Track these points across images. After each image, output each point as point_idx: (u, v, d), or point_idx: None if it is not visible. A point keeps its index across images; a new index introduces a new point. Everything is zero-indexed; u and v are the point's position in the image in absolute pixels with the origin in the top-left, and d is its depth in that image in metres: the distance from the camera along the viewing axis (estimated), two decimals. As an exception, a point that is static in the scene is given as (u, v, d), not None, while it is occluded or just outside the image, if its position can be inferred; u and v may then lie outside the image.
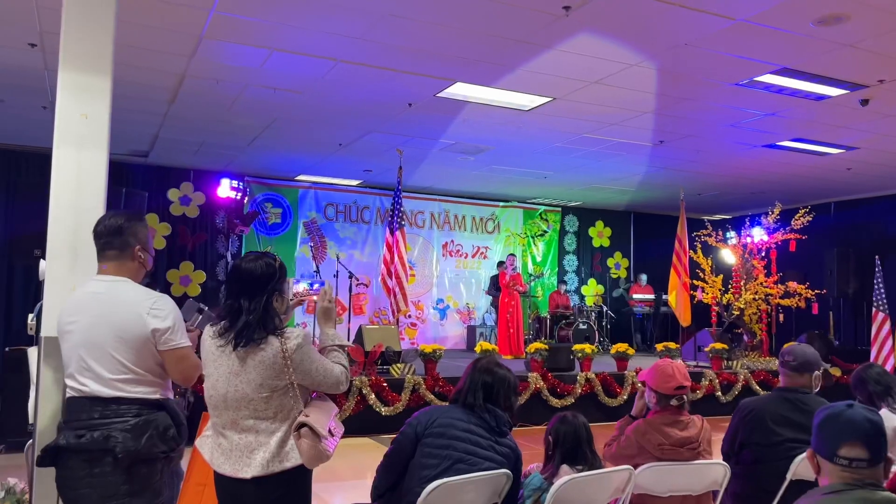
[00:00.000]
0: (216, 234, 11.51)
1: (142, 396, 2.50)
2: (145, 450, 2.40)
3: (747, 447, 3.29)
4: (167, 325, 2.51)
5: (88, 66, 3.13)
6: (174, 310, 2.57)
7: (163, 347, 2.52)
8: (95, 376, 2.48)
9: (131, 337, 2.48)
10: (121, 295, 2.54)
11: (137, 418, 2.44)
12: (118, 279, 2.58)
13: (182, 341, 2.55)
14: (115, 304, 2.52)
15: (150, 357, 2.52)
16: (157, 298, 2.56)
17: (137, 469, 2.41)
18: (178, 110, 7.92)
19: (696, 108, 7.55)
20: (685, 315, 10.15)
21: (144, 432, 2.42)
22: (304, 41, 5.84)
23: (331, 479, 5.56)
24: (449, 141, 9.17)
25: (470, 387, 2.80)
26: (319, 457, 2.40)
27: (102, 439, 2.38)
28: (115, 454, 2.37)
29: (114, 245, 2.60)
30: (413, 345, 12.03)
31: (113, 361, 2.47)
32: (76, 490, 2.43)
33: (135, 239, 2.62)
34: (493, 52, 6.00)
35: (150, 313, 2.50)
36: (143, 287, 2.62)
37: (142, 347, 2.50)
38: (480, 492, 2.69)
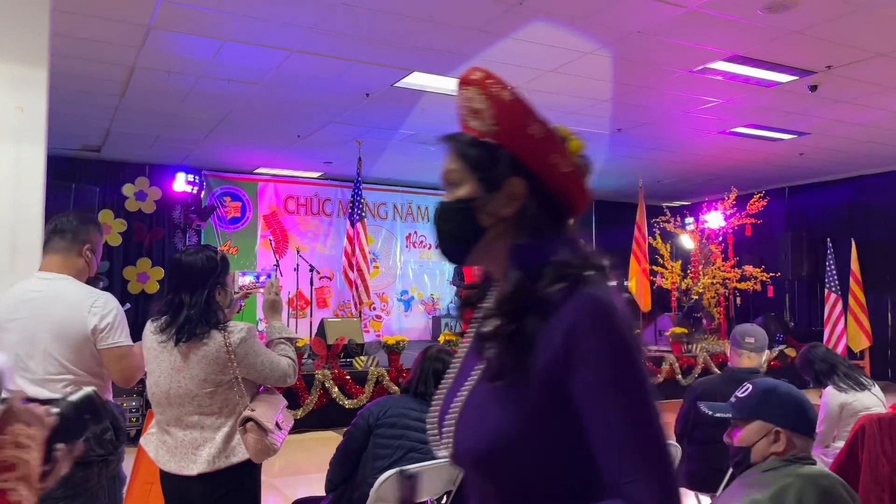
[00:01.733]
0: (174, 230, 11.29)
1: None
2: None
3: (699, 427, 3.35)
4: (106, 323, 2.46)
5: (23, 57, 3.03)
6: (115, 308, 2.52)
7: (102, 346, 2.46)
8: (32, 377, 2.41)
9: (70, 335, 2.43)
10: (60, 292, 2.48)
11: None
12: (59, 276, 2.52)
13: (121, 340, 2.49)
14: (54, 301, 2.46)
15: (89, 356, 2.47)
16: (98, 296, 2.50)
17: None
18: (129, 103, 7.74)
19: (652, 96, 7.63)
20: (645, 300, 10.29)
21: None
22: (256, 31, 5.74)
23: (295, 473, 5.53)
24: (408, 131, 9.12)
25: (420, 376, 2.81)
26: (266, 451, 2.38)
27: None
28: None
29: (64, 237, 2.55)
30: (378, 337, 12.00)
31: (51, 360, 2.41)
32: None
33: (85, 238, 2.58)
34: (449, 41, 5.97)
35: (91, 311, 2.45)
36: (84, 285, 2.56)
37: (81, 346, 2.44)
38: (434, 480, 2.69)
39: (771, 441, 1.90)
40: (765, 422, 1.92)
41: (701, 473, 3.36)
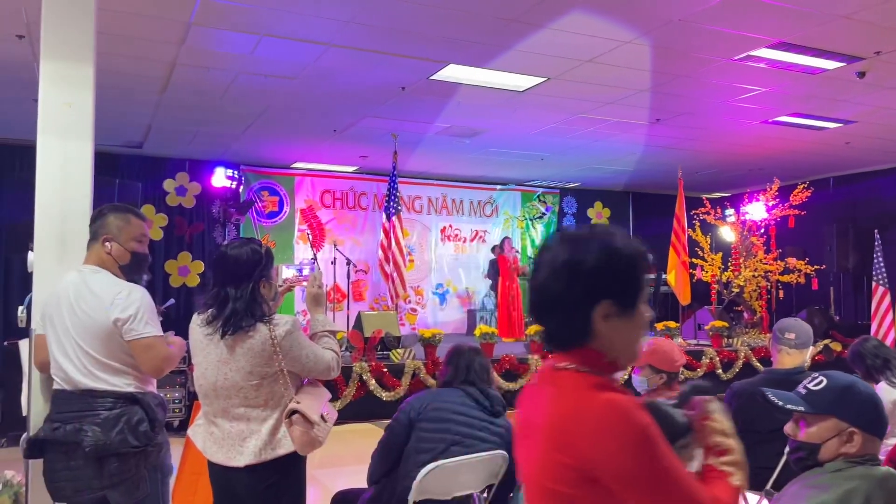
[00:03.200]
0: (213, 224, 11.47)
1: (115, 389, 2.46)
2: (115, 444, 2.36)
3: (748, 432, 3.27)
4: (129, 315, 2.47)
5: (70, 54, 3.08)
6: (139, 299, 2.52)
7: (127, 337, 2.48)
8: (71, 368, 2.46)
9: (97, 327, 2.46)
10: (90, 285, 2.52)
11: (109, 412, 2.41)
12: (93, 269, 2.57)
13: (146, 331, 2.49)
14: (83, 294, 2.50)
15: (117, 348, 2.49)
16: (122, 288, 2.52)
17: (108, 463, 2.38)
18: (169, 100, 7.86)
19: (691, 85, 7.48)
20: (684, 293, 10.13)
21: (115, 426, 2.38)
22: (294, 26, 5.77)
23: (334, 465, 5.58)
24: (444, 124, 9.10)
25: (464, 368, 2.78)
26: (312, 443, 2.39)
27: (74, 432, 2.36)
28: (84, 447, 2.34)
29: (91, 234, 2.61)
30: (413, 330, 12.03)
31: (83, 353, 2.46)
32: (55, 482, 2.43)
33: (104, 229, 2.60)
34: (485, 32, 5.93)
35: (113, 303, 2.47)
36: (114, 277, 2.58)
37: (108, 338, 2.46)
38: (476, 473, 2.68)
39: (843, 441, 1.81)
40: (840, 420, 1.83)
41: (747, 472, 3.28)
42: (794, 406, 1.93)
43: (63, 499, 2.47)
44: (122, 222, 2.62)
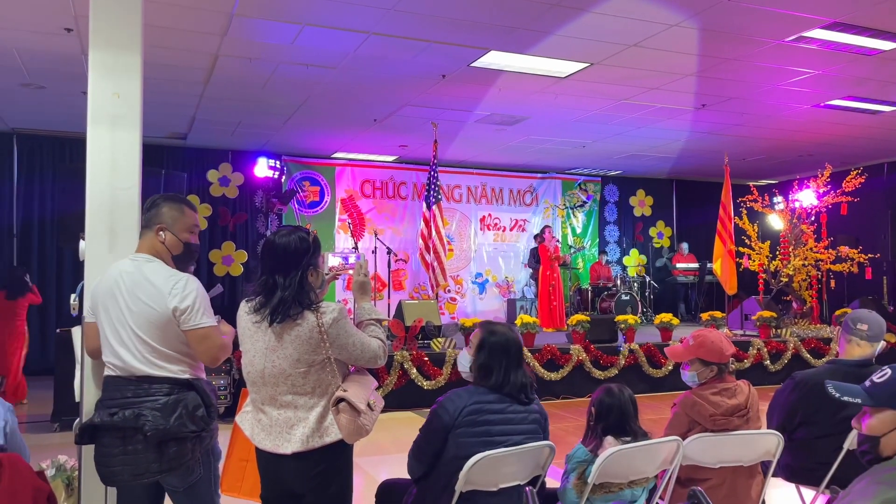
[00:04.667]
0: (256, 214, 11.62)
1: (171, 376, 2.49)
2: (174, 429, 2.40)
3: (807, 424, 3.16)
4: (187, 305, 2.49)
5: (118, 44, 3.11)
6: (196, 290, 2.54)
7: (185, 327, 2.50)
8: (127, 355, 2.49)
9: (154, 317, 2.48)
10: (145, 275, 2.54)
11: (167, 397, 2.44)
12: (147, 258, 2.59)
13: (203, 321, 2.52)
14: (139, 283, 2.52)
15: (174, 337, 2.51)
16: (179, 279, 2.54)
17: (167, 447, 2.42)
18: (213, 91, 7.96)
19: (740, 69, 7.27)
20: (731, 283, 9.89)
21: (174, 411, 2.41)
22: (334, 15, 5.77)
23: (376, 453, 5.60)
24: (484, 112, 9.03)
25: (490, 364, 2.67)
26: (359, 431, 2.38)
27: (133, 418, 2.40)
28: (145, 432, 2.37)
29: (144, 223, 2.63)
30: (453, 319, 12.02)
31: (140, 340, 2.48)
32: (110, 467, 2.46)
33: (158, 219, 2.61)
34: (527, 17, 5.84)
35: (171, 293, 2.49)
36: (168, 267, 2.60)
37: (165, 327, 2.49)
38: (522, 464, 2.64)
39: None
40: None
41: (805, 467, 3.18)
42: (851, 398, 1.85)
43: (119, 483, 2.51)
44: (176, 213, 2.64)
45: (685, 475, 2.91)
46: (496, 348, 2.69)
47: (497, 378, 2.65)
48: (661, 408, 6.79)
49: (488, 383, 2.66)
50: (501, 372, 2.65)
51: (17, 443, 2.63)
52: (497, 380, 2.65)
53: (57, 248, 10.10)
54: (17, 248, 10.02)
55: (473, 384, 2.70)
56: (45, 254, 10.16)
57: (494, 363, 2.67)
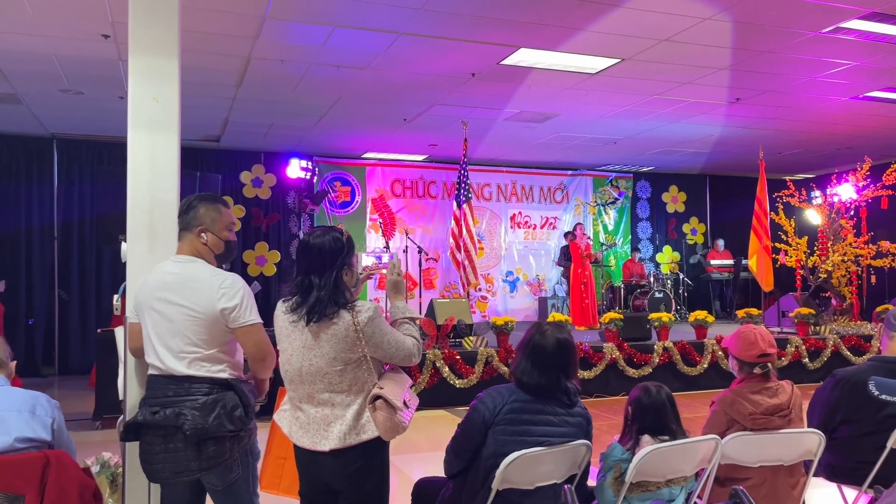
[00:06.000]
0: (288, 214, 11.76)
1: (212, 375, 2.54)
2: (213, 428, 2.44)
3: (849, 423, 3.10)
4: (235, 303, 2.53)
5: (156, 50, 3.18)
6: (243, 288, 2.59)
7: (233, 325, 2.55)
8: (170, 355, 2.54)
9: (202, 315, 2.53)
10: (191, 274, 2.59)
11: (207, 397, 2.49)
12: (190, 259, 2.63)
13: (252, 318, 2.57)
14: (186, 283, 2.57)
15: (218, 336, 2.56)
16: (225, 277, 2.59)
17: (206, 446, 2.46)
18: (245, 93, 8.06)
19: (775, 62, 7.14)
20: (767, 280, 9.72)
21: (212, 411, 2.45)
22: (365, 15, 5.80)
23: (408, 451, 5.62)
24: (514, 110, 9.01)
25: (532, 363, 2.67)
26: (396, 429, 2.40)
27: (174, 416, 2.44)
28: (185, 431, 2.42)
29: (183, 225, 2.67)
30: (484, 318, 12.02)
31: (185, 340, 2.53)
32: (153, 464, 2.52)
33: (198, 221, 2.65)
34: (557, 14, 5.81)
35: (219, 292, 2.53)
36: (212, 267, 2.65)
37: (212, 326, 2.53)
38: (559, 463, 2.63)
39: None
40: None
41: (846, 466, 3.12)
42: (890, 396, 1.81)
43: (161, 480, 2.57)
44: (214, 213, 2.69)
45: (724, 474, 2.87)
46: (538, 349, 2.68)
47: (536, 379, 2.64)
48: (696, 406, 6.70)
49: (528, 383, 2.66)
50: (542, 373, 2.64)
51: (64, 440, 2.70)
52: (536, 381, 2.64)
53: (96, 249, 10.34)
54: (58, 250, 10.27)
55: (515, 383, 2.70)
56: (85, 255, 10.40)
57: (536, 364, 2.66)
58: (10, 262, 10.01)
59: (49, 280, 10.19)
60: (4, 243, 10.00)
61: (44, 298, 10.14)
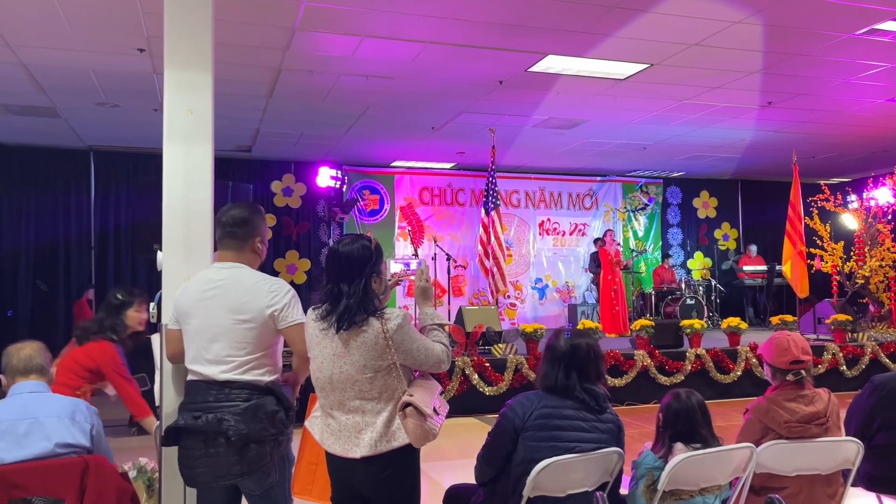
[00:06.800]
0: (318, 223, 11.88)
1: (252, 380, 2.59)
2: (255, 432, 2.49)
3: (887, 430, 3.04)
4: (284, 303, 2.64)
5: (191, 63, 3.25)
6: (289, 289, 2.70)
7: (283, 325, 2.64)
8: (214, 360, 2.59)
9: (251, 319, 2.60)
10: (241, 279, 2.67)
11: (247, 402, 2.54)
12: (236, 265, 2.72)
13: (299, 317, 2.66)
14: (233, 287, 2.65)
15: (267, 338, 2.65)
16: (273, 281, 2.70)
17: (248, 450, 2.51)
18: (276, 104, 8.18)
19: (807, 65, 7.04)
20: (802, 285, 9.54)
21: (254, 415, 2.51)
22: (393, 26, 5.86)
23: (438, 459, 5.63)
24: (542, 117, 9.00)
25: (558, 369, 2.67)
26: (426, 436, 2.41)
27: (216, 421, 2.49)
28: (228, 436, 2.47)
29: (237, 235, 2.74)
30: (513, 325, 11.99)
31: (232, 344, 2.59)
32: (193, 469, 2.56)
33: (256, 231, 2.76)
34: (585, 20, 5.80)
35: (269, 294, 2.63)
36: (258, 272, 2.75)
37: (261, 329, 2.62)
38: (591, 471, 2.62)
39: None
40: None
41: (886, 475, 3.05)
42: None
43: (201, 485, 2.61)
44: (264, 225, 2.84)
45: (759, 483, 2.83)
46: (559, 354, 2.69)
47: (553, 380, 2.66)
48: (730, 414, 6.60)
49: (548, 385, 2.66)
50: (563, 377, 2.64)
51: (103, 445, 2.76)
52: (553, 382, 2.65)
53: (131, 258, 10.56)
54: (95, 258, 10.51)
55: (541, 389, 2.70)
56: (120, 263, 10.63)
57: (558, 369, 2.67)
58: (50, 270, 10.27)
59: (86, 288, 10.42)
60: (44, 252, 10.27)
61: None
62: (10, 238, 10.13)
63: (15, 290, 10.10)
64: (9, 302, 10.02)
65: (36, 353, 2.75)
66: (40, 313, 10.15)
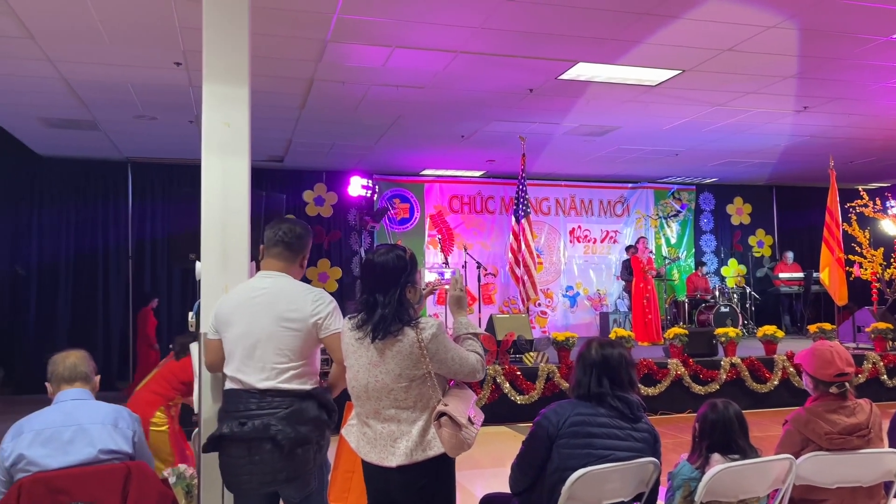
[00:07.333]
0: (349, 232, 11.98)
1: (295, 388, 2.66)
2: (302, 436, 2.55)
3: None
4: (327, 312, 2.72)
5: (228, 77, 3.33)
6: (331, 299, 2.79)
7: (325, 333, 2.72)
8: (256, 368, 2.65)
9: (295, 325, 2.68)
10: (286, 288, 2.76)
11: (290, 409, 2.60)
12: (280, 275, 2.81)
13: (339, 325, 2.72)
14: (279, 296, 2.72)
15: (310, 346, 2.72)
16: (315, 291, 2.79)
17: (294, 455, 2.56)
18: (308, 115, 8.28)
19: (844, 69, 6.92)
20: (841, 293, 9.34)
21: (299, 419, 2.57)
22: (423, 36, 5.90)
23: (470, 467, 5.62)
24: (572, 124, 8.97)
25: (590, 377, 2.66)
26: (461, 445, 2.42)
27: (263, 428, 2.55)
28: (277, 441, 2.52)
29: (291, 247, 2.83)
30: (544, 333, 11.92)
31: (276, 352, 2.65)
32: (237, 476, 2.61)
33: (305, 248, 2.88)
34: (616, 27, 5.79)
35: (312, 305, 2.71)
36: (301, 283, 2.84)
37: (305, 336, 2.69)
38: (626, 481, 2.60)
39: None
40: None
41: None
42: None
43: (246, 492, 2.66)
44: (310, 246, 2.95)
45: (799, 495, 2.78)
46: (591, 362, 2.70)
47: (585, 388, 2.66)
48: (766, 425, 6.49)
49: (581, 394, 2.65)
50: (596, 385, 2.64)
51: (144, 452, 2.82)
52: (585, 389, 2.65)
53: (167, 267, 10.75)
54: (132, 268, 10.72)
55: (574, 398, 2.70)
56: (157, 273, 10.83)
57: (590, 376, 2.67)
58: (88, 280, 10.50)
59: (124, 297, 10.65)
60: (84, 262, 10.51)
61: (119, 315, 10.58)
62: (52, 248, 10.39)
63: (55, 299, 10.34)
64: (50, 309, 10.27)
65: (80, 362, 2.82)
66: (79, 321, 10.39)
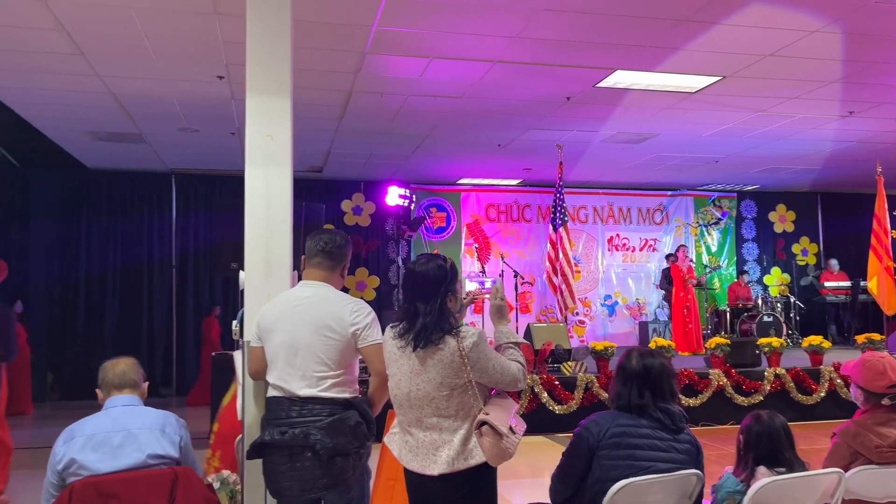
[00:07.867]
0: (387, 241, 12.06)
1: (335, 396, 2.70)
2: (340, 445, 2.59)
3: None
4: (366, 323, 2.76)
5: (271, 90, 3.40)
6: (370, 309, 2.83)
7: (363, 344, 2.75)
8: (297, 375, 2.69)
9: (334, 335, 2.72)
10: (325, 297, 2.81)
11: (331, 417, 2.65)
12: (322, 284, 2.86)
13: (379, 337, 2.76)
14: (319, 305, 2.77)
15: (349, 356, 2.76)
16: (355, 301, 2.82)
17: (333, 464, 2.60)
18: (346, 125, 8.39)
19: (890, 72, 6.75)
20: (890, 302, 9.08)
21: (338, 429, 2.61)
22: (460, 46, 5.94)
23: (509, 477, 5.59)
24: (610, 132, 8.92)
25: (631, 388, 2.64)
26: (502, 454, 2.42)
27: (303, 436, 2.59)
28: (316, 450, 2.56)
29: (333, 257, 2.89)
30: (582, 342, 11.83)
31: (315, 357, 2.70)
32: (279, 483, 2.66)
33: (346, 258, 2.94)
34: (653, 34, 5.75)
35: (352, 313, 2.75)
36: (342, 293, 2.89)
37: (344, 345, 2.73)
38: (669, 493, 2.57)
39: None
40: None
41: None
42: None
43: (288, 499, 2.70)
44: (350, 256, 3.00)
45: (848, 510, 2.72)
46: (631, 373, 2.68)
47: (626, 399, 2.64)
48: (813, 437, 6.33)
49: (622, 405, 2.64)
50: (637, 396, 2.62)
51: (191, 457, 2.89)
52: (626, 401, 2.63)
53: (209, 277, 10.96)
54: (176, 277, 10.96)
55: (615, 409, 2.68)
56: (200, 282, 11.05)
57: (630, 387, 2.65)
58: (133, 289, 10.77)
59: (167, 306, 10.88)
60: (129, 271, 10.78)
61: (163, 323, 10.82)
62: (98, 258, 10.68)
63: (103, 309, 10.62)
64: (97, 319, 10.54)
65: (130, 369, 2.90)
66: (125, 329, 10.65)
